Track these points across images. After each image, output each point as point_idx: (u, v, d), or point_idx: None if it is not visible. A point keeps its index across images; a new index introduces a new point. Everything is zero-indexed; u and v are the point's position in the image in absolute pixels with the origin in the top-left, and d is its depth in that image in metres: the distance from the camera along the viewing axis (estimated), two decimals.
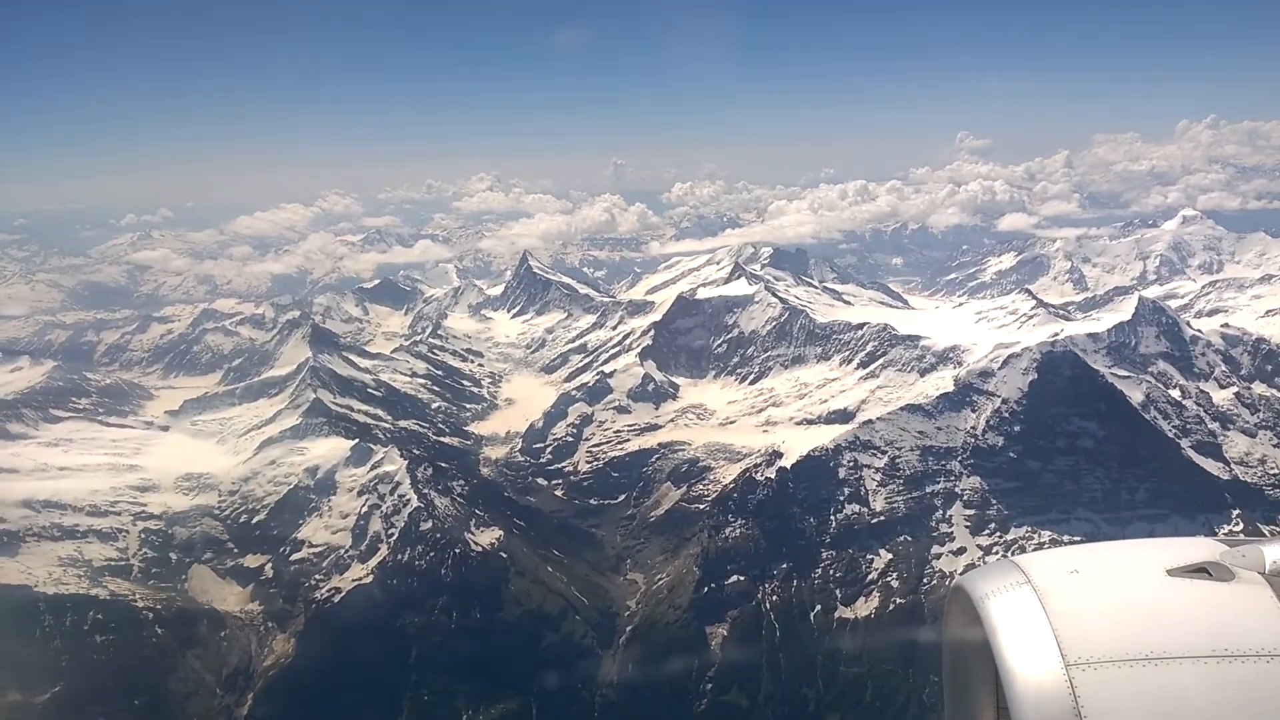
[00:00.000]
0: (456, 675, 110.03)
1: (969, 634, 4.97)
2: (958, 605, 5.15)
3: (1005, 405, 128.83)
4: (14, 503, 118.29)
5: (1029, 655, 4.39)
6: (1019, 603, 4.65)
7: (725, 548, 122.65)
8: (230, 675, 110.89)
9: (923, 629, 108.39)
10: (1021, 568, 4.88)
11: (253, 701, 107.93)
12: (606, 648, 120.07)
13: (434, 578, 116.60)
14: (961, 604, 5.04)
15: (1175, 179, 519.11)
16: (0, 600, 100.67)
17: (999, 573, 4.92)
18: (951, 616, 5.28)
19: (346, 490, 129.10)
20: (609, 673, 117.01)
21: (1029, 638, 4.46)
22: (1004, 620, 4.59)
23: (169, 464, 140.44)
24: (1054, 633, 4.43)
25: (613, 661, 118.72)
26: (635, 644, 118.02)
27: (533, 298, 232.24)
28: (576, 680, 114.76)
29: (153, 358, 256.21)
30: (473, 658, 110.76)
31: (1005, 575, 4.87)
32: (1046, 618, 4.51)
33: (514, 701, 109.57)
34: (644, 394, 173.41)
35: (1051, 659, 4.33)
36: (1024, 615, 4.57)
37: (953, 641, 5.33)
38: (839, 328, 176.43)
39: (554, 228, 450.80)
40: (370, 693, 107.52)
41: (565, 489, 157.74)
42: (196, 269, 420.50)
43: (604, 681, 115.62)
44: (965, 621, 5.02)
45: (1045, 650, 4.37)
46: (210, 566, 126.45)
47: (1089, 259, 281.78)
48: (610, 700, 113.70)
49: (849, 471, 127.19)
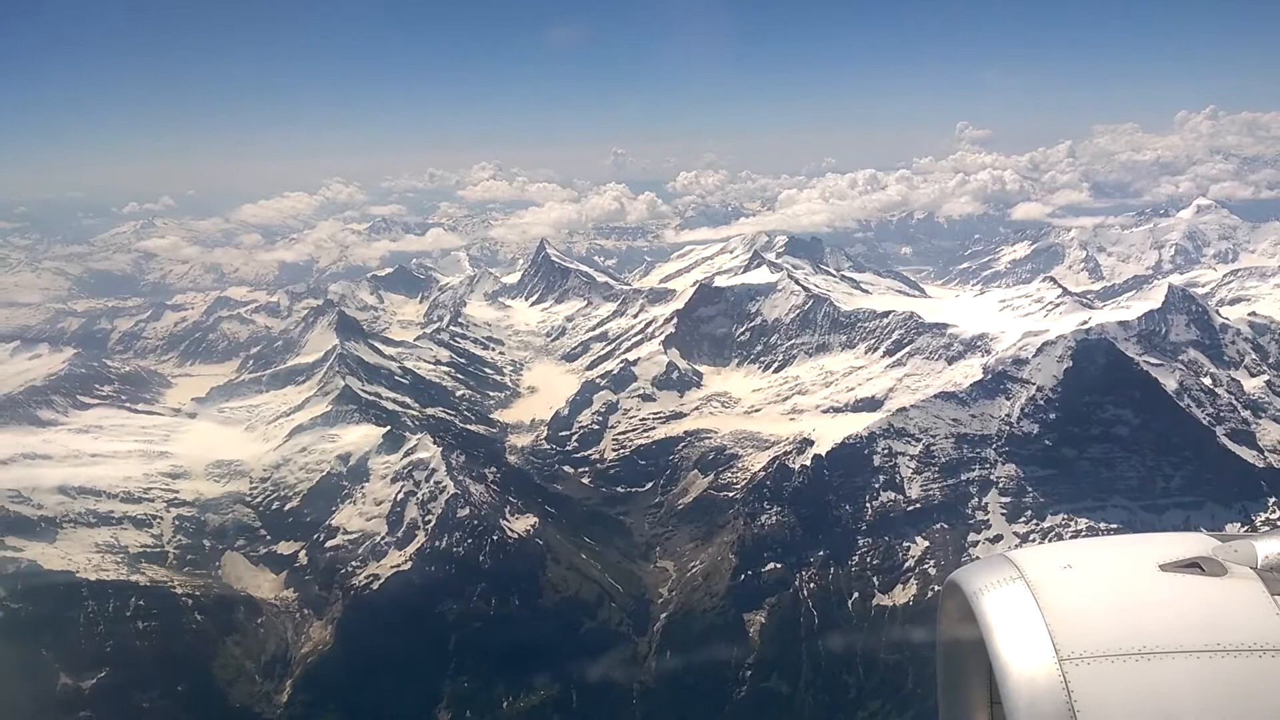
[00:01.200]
0: (495, 663, 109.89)
1: (963, 629, 5.03)
2: (952, 600, 5.18)
3: (1040, 393, 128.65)
4: (49, 489, 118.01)
5: (1022, 650, 4.43)
6: (1012, 598, 4.69)
7: (761, 535, 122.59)
8: (269, 662, 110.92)
9: None
10: (1015, 563, 4.92)
11: (292, 688, 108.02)
12: (641, 635, 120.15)
13: (472, 564, 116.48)
14: (955, 599, 5.08)
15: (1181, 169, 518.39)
16: (45, 586, 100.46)
17: (992, 568, 4.96)
18: (945, 612, 5.32)
19: (380, 477, 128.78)
20: (646, 660, 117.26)
21: (1022, 632, 4.50)
22: (997, 615, 4.64)
23: (199, 451, 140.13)
24: (1047, 627, 4.47)
25: (649, 649, 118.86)
26: (672, 631, 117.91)
27: (551, 285, 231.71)
28: (614, 668, 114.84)
29: (167, 345, 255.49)
30: (511, 645, 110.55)
31: (999, 570, 4.91)
32: (1040, 612, 4.55)
33: (553, 689, 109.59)
34: (668, 382, 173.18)
35: (1045, 654, 4.37)
36: (1017, 610, 4.61)
37: (947, 636, 5.38)
38: (863, 315, 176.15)
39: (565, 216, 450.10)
40: (410, 680, 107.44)
41: (592, 477, 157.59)
42: (207, 257, 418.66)
43: (642, 669, 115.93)
44: (959, 617, 5.07)
45: (1038, 645, 4.41)
46: (243, 554, 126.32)
47: (1104, 248, 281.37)
48: (649, 687, 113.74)
49: (884, 459, 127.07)
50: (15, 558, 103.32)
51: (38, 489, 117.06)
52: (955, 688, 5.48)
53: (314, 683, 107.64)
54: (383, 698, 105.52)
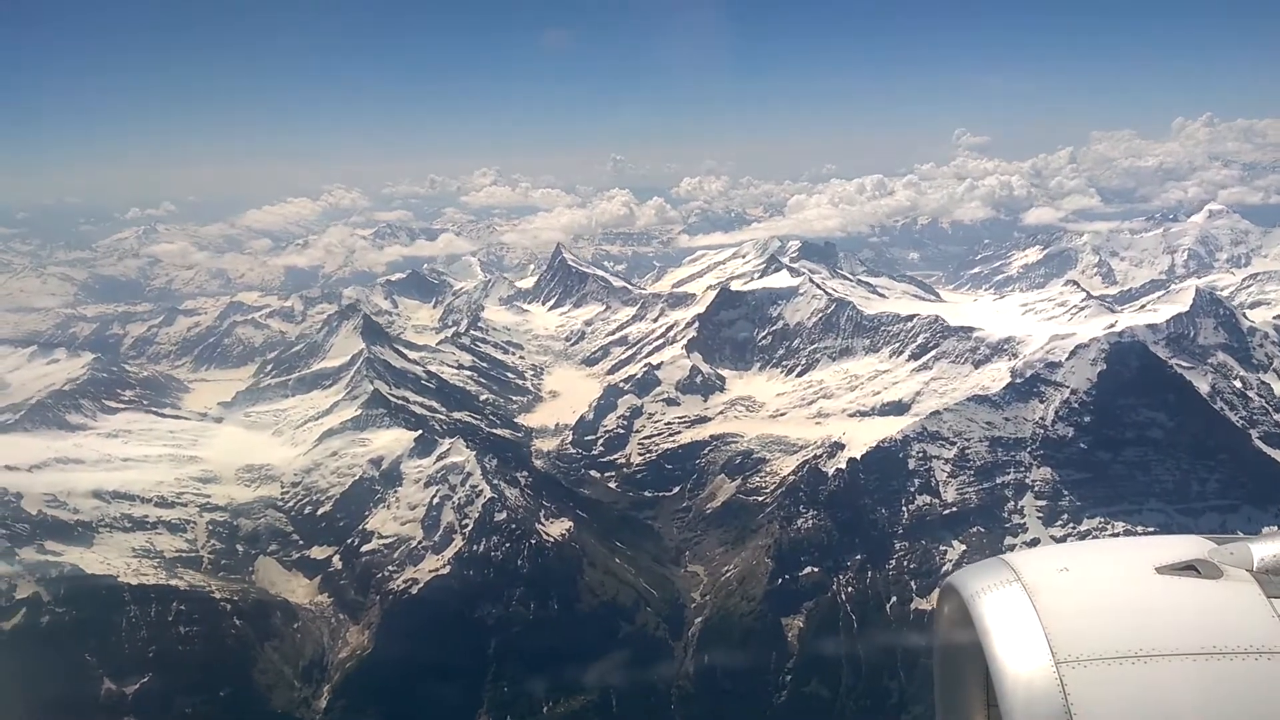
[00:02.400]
0: (535, 667, 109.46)
1: (960, 632, 5.02)
2: (949, 603, 5.19)
3: (1074, 396, 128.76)
4: (84, 493, 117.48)
5: (1019, 653, 4.43)
6: (1009, 600, 4.69)
7: (797, 539, 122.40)
8: (306, 667, 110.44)
9: None
10: (1012, 565, 4.92)
11: (331, 693, 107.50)
12: (677, 639, 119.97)
13: (510, 569, 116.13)
14: (952, 602, 5.08)
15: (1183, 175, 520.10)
16: (88, 590, 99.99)
17: (989, 571, 4.97)
18: (942, 614, 5.32)
19: (413, 481, 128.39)
20: (683, 664, 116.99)
21: (1019, 635, 4.50)
22: (994, 618, 4.64)
23: (228, 455, 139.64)
24: (1044, 630, 4.47)
25: (685, 653, 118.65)
26: (708, 636, 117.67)
27: (569, 290, 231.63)
28: (652, 672, 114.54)
29: (180, 350, 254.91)
30: (551, 649, 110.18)
31: (996, 573, 4.92)
32: (1036, 615, 4.55)
33: (593, 693, 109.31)
34: (692, 386, 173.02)
35: (1041, 656, 4.37)
36: (1014, 613, 4.61)
37: (944, 639, 5.37)
38: (887, 319, 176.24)
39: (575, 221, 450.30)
40: (450, 684, 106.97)
41: (619, 481, 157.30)
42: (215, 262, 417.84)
43: (680, 673, 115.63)
44: (956, 619, 5.06)
45: (1035, 648, 4.41)
46: (276, 559, 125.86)
47: (1116, 252, 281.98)
48: (687, 692, 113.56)
49: (918, 462, 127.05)
50: (56, 561, 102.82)
51: (72, 493, 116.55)
52: (952, 690, 5.48)
53: (353, 688, 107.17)
54: (423, 702, 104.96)
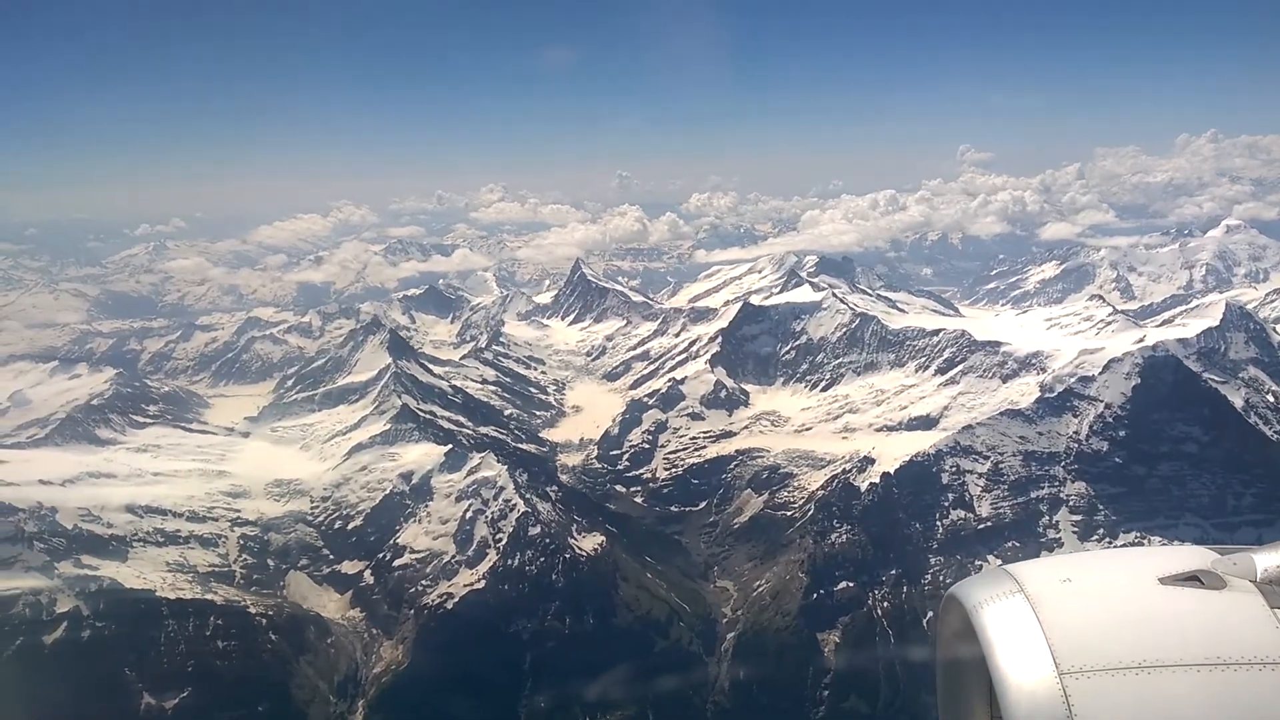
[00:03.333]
0: (571, 682, 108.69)
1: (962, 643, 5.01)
2: (951, 614, 5.15)
3: (1109, 410, 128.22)
4: (117, 507, 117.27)
5: (1022, 664, 4.41)
6: (1012, 611, 4.67)
7: (832, 554, 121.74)
8: (341, 682, 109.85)
9: None
10: (1014, 576, 4.91)
11: (367, 708, 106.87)
12: (710, 654, 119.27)
13: (545, 583, 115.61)
14: (955, 613, 5.05)
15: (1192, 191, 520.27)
16: (127, 604, 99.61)
17: (992, 581, 4.95)
18: (945, 626, 5.30)
19: (443, 496, 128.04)
20: (718, 679, 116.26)
21: (1022, 646, 4.48)
22: (997, 629, 4.63)
23: (256, 470, 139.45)
24: (1047, 641, 4.45)
25: (718, 668, 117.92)
26: (743, 651, 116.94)
27: (589, 305, 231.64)
28: (688, 687, 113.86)
29: (198, 366, 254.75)
30: (586, 664, 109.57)
31: (998, 584, 4.90)
32: (1040, 626, 4.54)
33: (629, 709, 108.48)
34: (716, 401, 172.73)
35: (1045, 667, 4.36)
36: (1017, 624, 4.59)
37: (946, 650, 5.36)
38: (912, 334, 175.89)
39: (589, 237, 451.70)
40: (485, 700, 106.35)
41: (645, 496, 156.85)
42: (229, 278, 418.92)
43: (716, 688, 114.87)
44: (959, 631, 5.04)
45: (1038, 659, 4.40)
46: (307, 573, 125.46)
47: (1134, 267, 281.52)
48: (723, 707, 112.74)
49: (952, 477, 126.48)
50: (94, 575, 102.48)
51: (106, 507, 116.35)
52: (955, 702, 5.43)
53: (389, 702, 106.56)
54: (458, 717, 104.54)
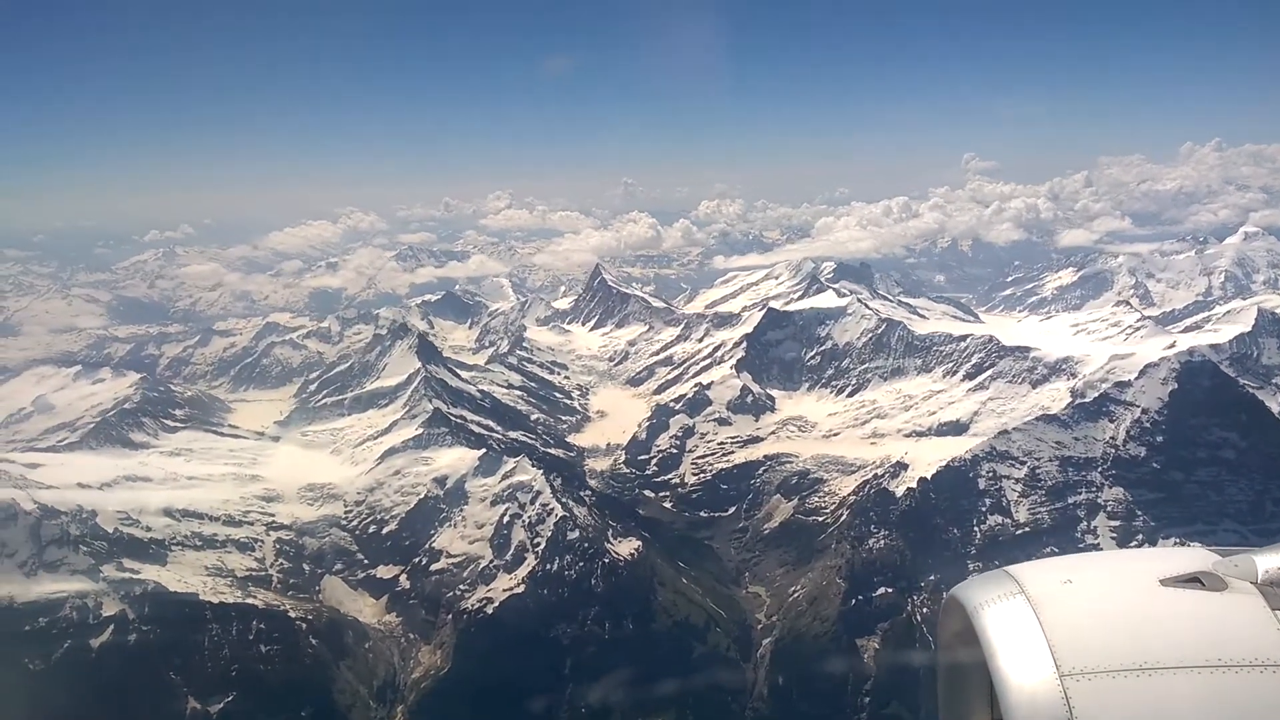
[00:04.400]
0: (611, 687, 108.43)
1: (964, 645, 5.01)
2: (952, 616, 5.16)
3: (1145, 415, 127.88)
4: (155, 511, 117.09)
5: (1023, 665, 4.43)
6: (1013, 613, 4.69)
7: (870, 559, 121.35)
8: (380, 687, 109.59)
9: None
10: (1015, 578, 4.93)
11: (407, 714, 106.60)
12: (746, 660, 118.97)
13: (584, 588, 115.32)
14: (956, 614, 5.06)
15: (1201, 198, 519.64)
16: (171, 608, 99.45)
17: (993, 583, 4.98)
18: (946, 627, 5.31)
19: (478, 500, 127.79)
20: (756, 685, 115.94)
21: (1023, 648, 4.50)
22: (998, 630, 4.64)
23: (288, 474, 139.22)
24: (1048, 643, 4.47)
25: (755, 674, 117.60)
26: (781, 657, 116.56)
27: (610, 310, 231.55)
28: (726, 693, 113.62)
29: (217, 371, 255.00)
30: (627, 669, 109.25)
31: (999, 586, 4.92)
32: (1040, 628, 4.56)
33: (670, 714, 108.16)
34: (743, 406, 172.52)
35: (1045, 669, 4.37)
36: (1018, 625, 4.62)
37: (947, 652, 5.37)
38: (939, 339, 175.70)
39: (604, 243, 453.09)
40: (527, 705, 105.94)
41: (673, 501, 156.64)
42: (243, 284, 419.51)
43: (755, 694, 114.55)
44: (960, 632, 5.04)
45: (1039, 660, 4.42)
46: (342, 578, 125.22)
47: (1152, 274, 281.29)
48: (761, 713, 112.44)
49: (989, 482, 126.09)
50: (138, 579, 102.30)
51: (144, 511, 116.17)
52: (956, 703, 5.43)
53: (429, 708, 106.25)
54: None
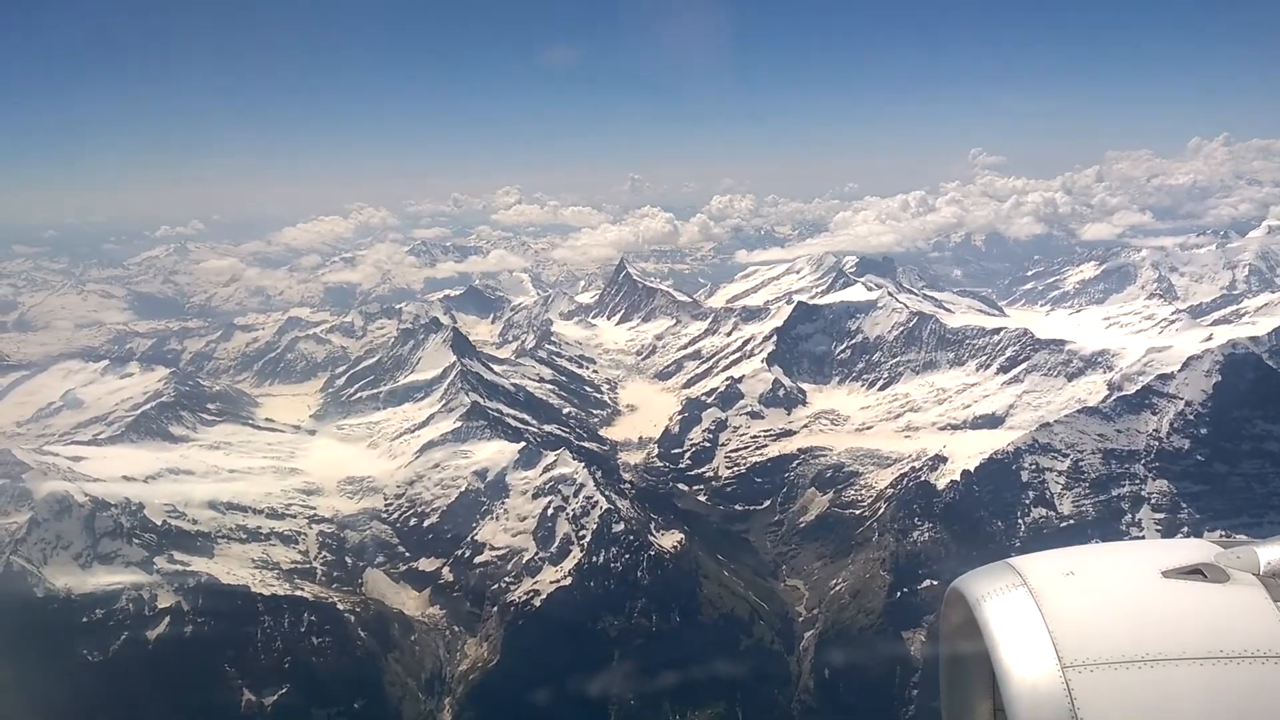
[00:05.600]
0: (660, 679, 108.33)
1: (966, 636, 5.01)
2: (954, 608, 5.15)
3: (1189, 408, 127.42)
4: (200, 504, 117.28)
5: (1025, 657, 4.41)
6: (1015, 605, 4.67)
7: (914, 552, 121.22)
8: (428, 680, 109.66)
9: None
10: (1018, 569, 4.91)
11: (456, 706, 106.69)
12: (789, 653, 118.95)
13: (630, 580, 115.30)
14: (958, 606, 5.05)
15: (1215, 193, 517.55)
16: (224, 599, 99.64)
17: (995, 575, 4.95)
18: (948, 619, 5.30)
19: (520, 493, 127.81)
20: (801, 677, 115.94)
21: (1025, 640, 4.48)
22: (1000, 622, 4.62)
23: (327, 468, 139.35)
24: (1050, 634, 4.46)
25: (799, 666, 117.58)
26: (825, 649, 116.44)
27: (635, 305, 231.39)
28: (772, 685, 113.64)
29: (240, 365, 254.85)
30: (674, 661, 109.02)
31: (1001, 577, 4.89)
32: (1043, 619, 4.54)
33: (719, 706, 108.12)
34: (775, 399, 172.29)
35: (1048, 661, 4.36)
36: (1020, 617, 4.60)
37: (949, 643, 5.37)
38: (971, 333, 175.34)
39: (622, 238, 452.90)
40: (575, 697, 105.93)
41: (708, 494, 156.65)
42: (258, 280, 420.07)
43: (801, 686, 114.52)
44: (962, 624, 5.03)
45: (1041, 652, 4.40)
46: (384, 570, 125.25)
47: (1175, 268, 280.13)
48: (809, 705, 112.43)
49: (1031, 475, 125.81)
50: (190, 571, 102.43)
51: (189, 503, 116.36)
52: (958, 695, 5.41)
53: (479, 700, 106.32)
54: (549, 715, 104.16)
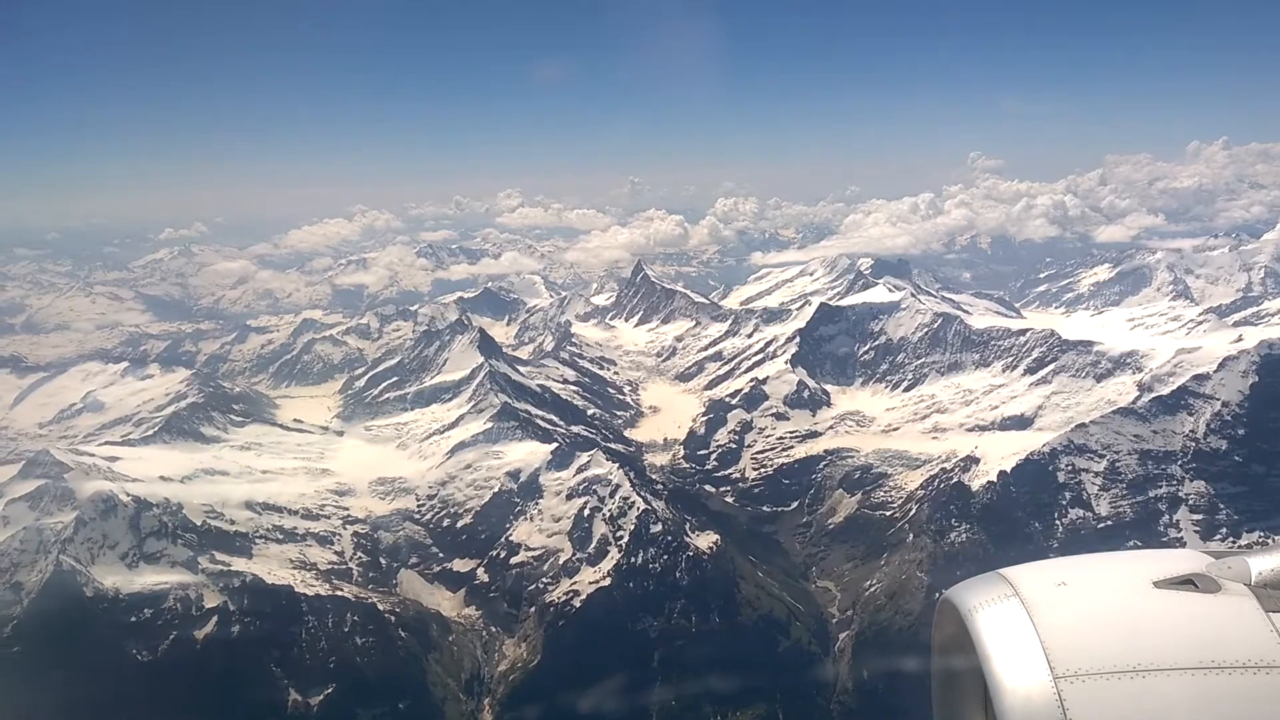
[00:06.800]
0: (700, 680, 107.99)
1: (958, 647, 4.99)
2: (946, 618, 5.14)
3: (1226, 408, 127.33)
4: (237, 504, 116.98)
5: (1017, 668, 4.40)
6: (1007, 615, 4.67)
7: (952, 553, 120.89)
8: (468, 680, 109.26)
9: None
10: (1009, 580, 4.92)
11: (497, 706, 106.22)
12: (825, 654, 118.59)
13: (669, 581, 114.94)
14: (950, 617, 5.03)
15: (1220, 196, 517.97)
16: (269, 600, 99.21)
17: (987, 585, 4.96)
18: (940, 629, 5.29)
19: (553, 494, 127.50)
20: (839, 678, 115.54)
21: (1017, 650, 4.48)
22: (992, 633, 4.62)
23: (357, 469, 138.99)
24: (1042, 645, 4.45)
25: (835, 668, 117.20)
26: (863, 650, 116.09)
27: (653, 306, 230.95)
28: (811, 686, 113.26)
29: (255, 367, 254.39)
30: (714, 662, 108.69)
31: (993, 588, 4.90)
32: (1034, 630, 4.54)
33: (759, 707, 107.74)
34: (800, 401, 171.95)
35: (1040, 671, 4.36)
36: (1012, 628, 4.59)
37: (942, 654, 5.36)
38: (997, 334, 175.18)
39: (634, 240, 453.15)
40: (616, 698, 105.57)
41: (735, 496, 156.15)
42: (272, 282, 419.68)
43: (839, 687, 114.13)
44: (954, 635, 5.01)
45: (1033, 662, 4.40)
46: (418, 571, 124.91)
47: (1190, 270, 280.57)
48: (849, 707, 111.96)
49: (1068, 476, 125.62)
50: (235, 571, 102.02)
51: (226, 504, 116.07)
52: (950, 706, 5.42)
53: (520, 701, 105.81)
54: (591, 715, 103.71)
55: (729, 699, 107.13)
